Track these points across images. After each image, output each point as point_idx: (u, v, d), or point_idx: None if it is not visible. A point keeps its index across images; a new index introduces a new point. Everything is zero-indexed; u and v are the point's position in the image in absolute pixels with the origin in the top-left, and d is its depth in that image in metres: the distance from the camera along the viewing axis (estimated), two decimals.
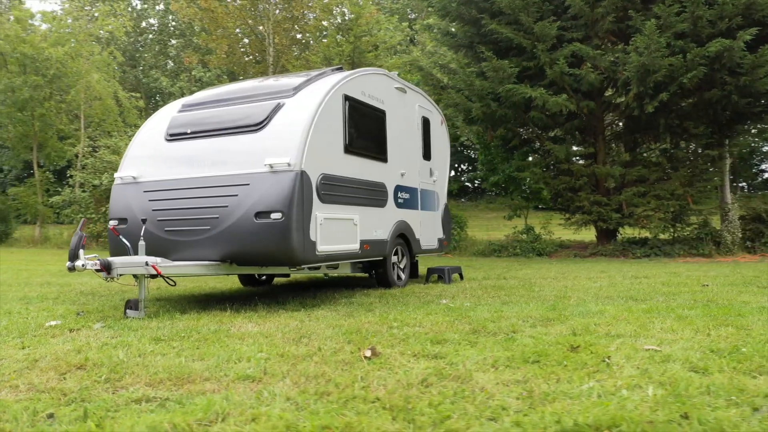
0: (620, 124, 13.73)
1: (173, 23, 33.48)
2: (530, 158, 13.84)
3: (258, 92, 5.85)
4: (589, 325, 3.80)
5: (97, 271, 4.44)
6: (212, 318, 4.42)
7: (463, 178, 36.93)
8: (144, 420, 1.98)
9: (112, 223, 5.63)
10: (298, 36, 20.72)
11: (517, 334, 3.56)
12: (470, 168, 36.74)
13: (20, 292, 6.52)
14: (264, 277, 7.54)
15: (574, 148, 12.70)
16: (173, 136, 5.79)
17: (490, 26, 12.10)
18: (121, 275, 4.59)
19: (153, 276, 4.73)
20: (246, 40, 19.69)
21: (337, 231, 5.48)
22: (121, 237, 5.16)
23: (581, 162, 12.96)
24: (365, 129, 6.25)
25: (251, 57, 18.62)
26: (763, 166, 30.83)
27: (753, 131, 18.42)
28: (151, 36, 34.23)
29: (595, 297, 5.45)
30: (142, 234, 4.92)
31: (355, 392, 2.35)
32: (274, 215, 4.90)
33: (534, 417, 2.02)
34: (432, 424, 1.99)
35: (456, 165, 36.81)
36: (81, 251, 4.34)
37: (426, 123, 7.72)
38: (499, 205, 17.13)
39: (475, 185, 36.51)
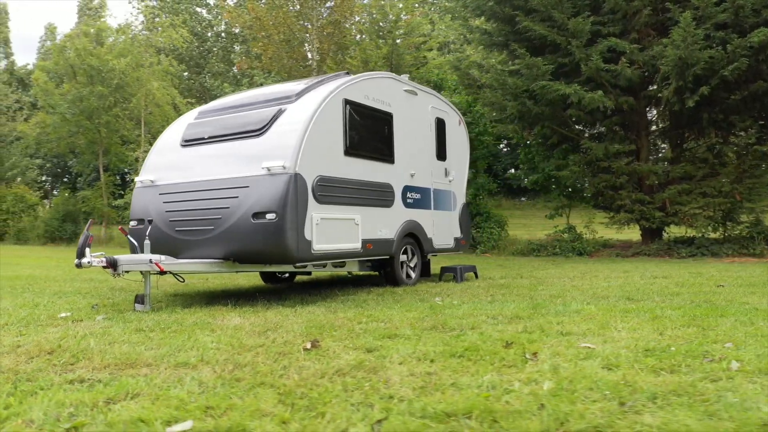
0: (665, 119, 13.26)
1: (236, 30, 34.69)
2: (570, 157, 13.57)
3: (265, 98, 6.16)
4: (548, 323, 3.84)
5: (104, 267, 4.85)
6: (207, 312, 4.72)
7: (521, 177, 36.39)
8: (56, 396, 2.25)
9: (132, 223, 6.09)
10: (357, 38, 21.06)
11: (472, 331, 3.65)
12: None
13: (60, 286, 7.10)
14: (286, 275, 7.85)
15: (615, 145, 12.35)
16: (187, 142, 6.18)
17: (523, 23, 12.00)
18: (127, 272, 4.99)
19: (161, 273, 5.12)
20: (305, 44, 20.25)
21: (336, 230, 5.70)
22: (128, 236, 5.59)
23: (623, 160, 12.60)
24: (369, 131, 6.43)
25: (295, 61, 19.17)
26: None
27: None
28: (216, 45, 35.56)
29: (589, 297, 5.41)
30: (147, 233, 5.32)
31: (265, 379, 2.55)
32: (269, 215, 5.18)
33: (402, 405, 2.16)
34: (307, 407, 2.16)
35: (514, 161, 36.32)
36: (87, 249, 4.75)
37: (440, 124, 7.81)
38: (557, 204, 16.84)
39: None
